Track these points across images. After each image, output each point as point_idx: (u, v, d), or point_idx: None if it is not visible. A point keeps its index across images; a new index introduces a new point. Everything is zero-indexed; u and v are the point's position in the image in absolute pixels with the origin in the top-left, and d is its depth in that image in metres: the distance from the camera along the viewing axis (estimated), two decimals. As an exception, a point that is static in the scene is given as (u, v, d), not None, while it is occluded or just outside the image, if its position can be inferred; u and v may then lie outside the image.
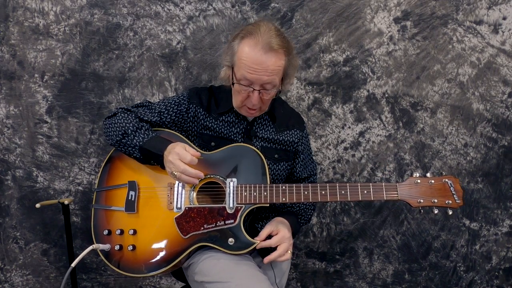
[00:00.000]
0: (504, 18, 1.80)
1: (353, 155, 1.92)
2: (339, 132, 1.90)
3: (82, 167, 1.88)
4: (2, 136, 1.84)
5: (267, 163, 1.29)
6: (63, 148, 1.86)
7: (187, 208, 1.26)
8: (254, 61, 1.20)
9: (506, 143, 1.90)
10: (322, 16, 1.79)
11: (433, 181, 1.21)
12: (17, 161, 1.86)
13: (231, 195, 1.25)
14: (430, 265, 2.02)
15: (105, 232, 1.28)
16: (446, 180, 1.21)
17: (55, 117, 1.84)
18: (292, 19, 1.79)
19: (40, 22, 1.76)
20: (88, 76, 1.81)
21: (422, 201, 1.22)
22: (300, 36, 1.80)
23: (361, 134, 1.90)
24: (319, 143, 1.91)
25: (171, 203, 1.27)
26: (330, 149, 1.91)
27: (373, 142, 1.91)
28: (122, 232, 1.28)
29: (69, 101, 1.83)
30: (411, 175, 1.23)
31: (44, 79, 1.80)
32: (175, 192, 1.28)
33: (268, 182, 1.26)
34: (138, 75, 1.82)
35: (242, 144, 1.31)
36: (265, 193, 1.24)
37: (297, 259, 2.01)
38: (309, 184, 1.24)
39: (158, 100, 1.43)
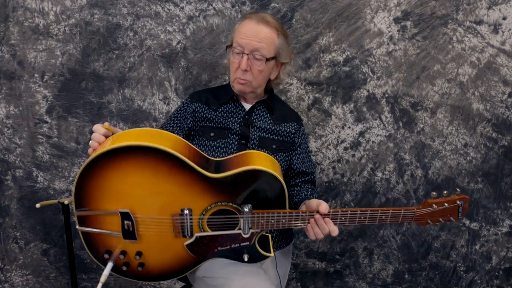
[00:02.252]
0: (504, 18, 1.80)
1: (353, 155, 1.92)
2: (339, 132, 1.90)
3: (82, 167, 1.88)
4: (2, 136, 1.84)
5: (267, 153, 1.30)
6: (63, 148, 1.86)
7: (198, 236, 1.18)
8: (248, 29, 1.33)
9: (506, 143, 1.90)
10: (322, 16, 1.79)
11: (447, 204, 1.21)
12: (17, 161, 1.86)
13: (247, 223, 1.18)
14: (430, 265, 2.02)
15: (106, 255, 1.16)
16: (458, 201, 1.21)
17: (55, 117, 1.84)
18: (292, 19, 1.79)
19: (40, 22, 1.76)
20: (88, 76, 1.81)
21: (430, 222, 1.23)
22: (300, 36, 1.80)
23: (361, 134, 1.90)
24: (319, 143, 1.91)
25: (178, 232, 1.16)
26: (330, 149, 1.91)
27: (373, 142, 1.91)
28: (125, 253, 1.15)
29: (69, 101, 1.83)
30: (429, 196, 1.24)
31: (44, 79, 1.80)
32: (181, 223, 1.15)
33: (287, 207, 1.20)
34: (138, 75, 1.82)
35: (259, 167, 1.15)
36: (284, 220, 1.20)
37: (297, 259, 2.01)
38: (331, 210, 1.20)
39: (167, 119, 1.48)
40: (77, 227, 1.14)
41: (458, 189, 1.23)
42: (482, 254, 2.01)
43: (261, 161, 1.17)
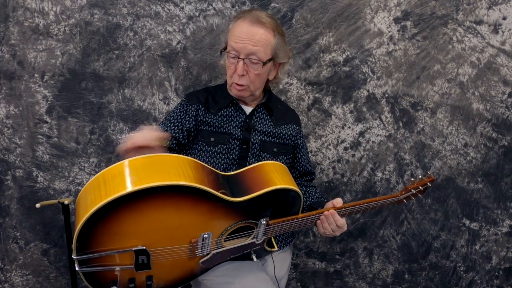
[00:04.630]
0: (504, 18, 1.80)
1: (353, 155, 1.92)
2: (339, 132, 1.90)
3: (82, 167, 1.88)
4: (2, 136, 1.84)
5: (268, 157, 1.33)
6: (63, 148, 1.86)
7: (214, 253, 1.16)
8: (242, 31, 1.25)
9: (506, 143, 1.90)
10: (322, 16, 1.79)
11: (421, 187, 1.40)
12: (17, 161, 1.86)
13: (262, 232, 1.20)
14: (430, 265, 2.02)
15: (113, 287, 1.05)
16: (429, 183, 1.41)
17: (55, 117, 1.84)
18: (292, 19, 1.79)
19: (40, 22, 1.76)
20: (88, 76, 1.81)
21: (405, 201, 1.41)
22: (300, 36, 1.80)
23: (361, 134, 1.90)
24: (319, 143, 1.91)
25: (196, 254, 1.13)
26: (330, 149, 1.91)
27: (373, 142, 1.91)
28: (134, 280, 1.06)
29: (69, 101, 1.83)
30: (410, 183, 1.41)
31: (44, 79, 1.80)
32: (200, 246, 1.11)
33: (300, 211, 1.23)
34: (138, 75, 1.82)
35: (282, 186, 1.14)
36: (295, 224, 1.24)
37: (297, 259, 2.01)
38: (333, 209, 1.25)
39: (165, 120, 1.44)
40: (77, 269, 0.97)
41: (429, 172, 1.43)
42: (482, 254, 2.01)
43: (279, 174, 1.17)
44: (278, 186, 1.12)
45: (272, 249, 1.29)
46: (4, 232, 1.93)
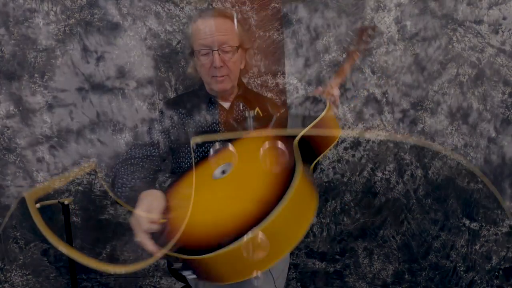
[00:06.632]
0: (504, 18, 1.80)
1: (353, 155, 1.92)
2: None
3: (82, 167, 1.88)
4: (2, 136, 1.84)
5: None
6: (63, 148, 1.86)
7: None
8: (205, 27, 1.29)
9: (506, 143, 1.90)
10: (322, 16, 1.79)
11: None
12: (17, 161, 1.86)
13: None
14: (430, 265, 2.02)
15: None
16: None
17: (55, 117, 1.84)
18: (292, 19, 1.79)
19: (40, 22, 1.76)
20: (88, 76, 1.81)
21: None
22: (300, 36, 1.80)
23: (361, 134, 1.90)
24: (319, 143, 1.90)
25: None
26: (330, 149, 1.91)
27: (373, 142, 1.91)
28: None
29: (69, 101, 1.83)
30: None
31: (44, 79, 1.80)
32: None
33: None
34: (138, 75, 1.82)
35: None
36: None
37: (297, 259, 2.01)
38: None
39: (149, 128, 1.38)
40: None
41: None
42: (482, 254, 2.01)
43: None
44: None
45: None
46: (4, 232, 1.93)
